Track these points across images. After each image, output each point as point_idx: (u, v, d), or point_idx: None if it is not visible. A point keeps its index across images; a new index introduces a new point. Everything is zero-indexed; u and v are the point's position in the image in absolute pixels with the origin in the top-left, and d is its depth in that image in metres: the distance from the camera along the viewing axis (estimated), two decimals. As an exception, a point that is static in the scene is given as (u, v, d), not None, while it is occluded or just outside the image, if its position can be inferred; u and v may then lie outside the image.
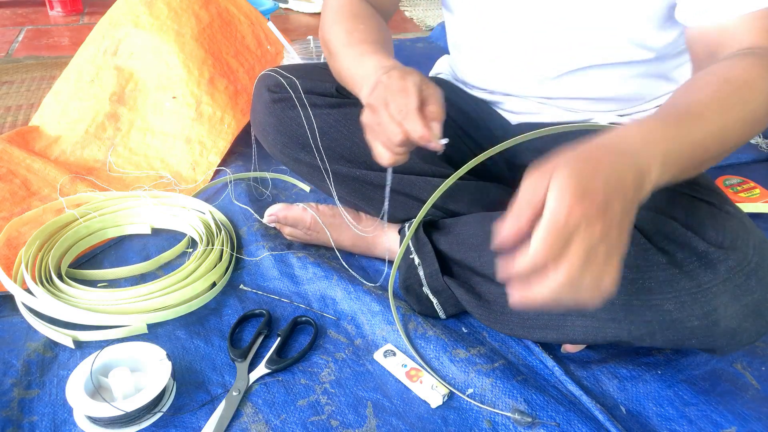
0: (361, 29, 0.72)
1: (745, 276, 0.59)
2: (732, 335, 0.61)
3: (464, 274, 0.76)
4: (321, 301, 0.83)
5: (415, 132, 0.56)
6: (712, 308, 0.59)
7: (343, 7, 0.76)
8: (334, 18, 0.75)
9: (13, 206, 1.00)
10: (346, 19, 0.74)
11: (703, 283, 0.59)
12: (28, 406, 0.67)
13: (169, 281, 0.82)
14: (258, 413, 0.67)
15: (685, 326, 0.61)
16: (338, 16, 0.75)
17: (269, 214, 0.91)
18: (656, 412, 0.68)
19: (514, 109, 0.86)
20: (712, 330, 0.60)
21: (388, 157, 0.61)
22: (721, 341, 0.61)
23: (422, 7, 2.63)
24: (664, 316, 0.61)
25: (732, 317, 0.59)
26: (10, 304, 0.81)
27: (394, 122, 0.57)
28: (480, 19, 0.80)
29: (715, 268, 0.59)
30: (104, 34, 1.25)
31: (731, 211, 0.64)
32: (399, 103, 0.57)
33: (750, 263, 0.59)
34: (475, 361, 0.71)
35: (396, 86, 0.58)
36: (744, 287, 0.59)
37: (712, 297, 0.59)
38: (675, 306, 0.60)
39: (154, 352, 0.69)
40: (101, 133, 1.18)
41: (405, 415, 0.67)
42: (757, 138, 1.38)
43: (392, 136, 0.58)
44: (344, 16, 0.75)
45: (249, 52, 1.33)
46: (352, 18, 0.74)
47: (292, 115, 0.80)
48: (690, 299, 0.60)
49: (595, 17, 0.72)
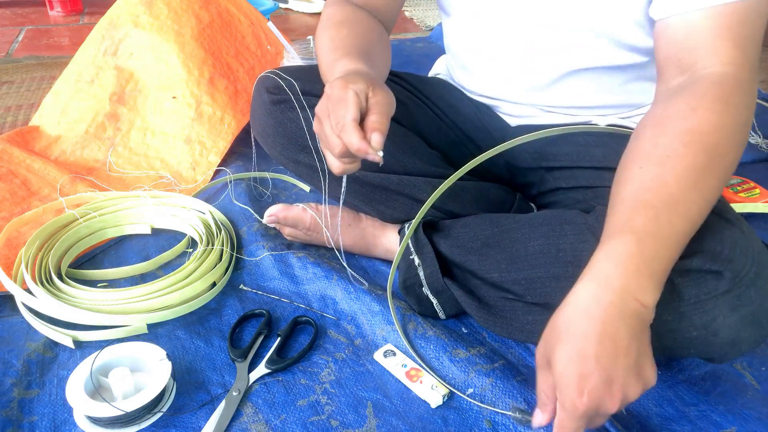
0: (343, 35, 0.72)
1: (745, 287, 0.58)
2: (731, 345, 0.60)
3: (464, 276, 0.76)
4: (321, 301, 0.83)
5: (352, 145, 0.55)
6: (711, 319, 0.59)
7: (333, 16, 0.76)
8: (322, 26, 0.76)
9: (13, 206, 1.00)
10: (332, 26, 0.74)
11: (702, 293, 0.58)
12: (28, 406, 0.67)
13: (169, 281, 0.82)
14: (258, 413, 0.67)
15: (683, 336, 0.60)
16: (327, 23, 0.75)
17: (269, 215, 0.91)
18: (656, 412, 0.68)
19: (511, 112, 0.86)
20: (711, 340, 0.60)
21: (337, 167, 0.61)
22: (720, 351, 0.61)
23: (422, 7, 2.63)
24: (662, 327, 0.60)
25: (731, 327, 0.59)
26: (10, 304, 0.81)
27: (334, 134, 0.57)
28: (476, 21, 0.80)
29: (715, 279, 0.58)
30: (104, 34, 1.25)
31: (730, 219, 0.62)
32: (338, 114, 0.56)
33: (749, 274, 0.58)
34: (475, 361, 0.71)
35: (336, 96, 0.57)
36: (743, 297, 0.58)
37: (711, 308, 0.58)
38: (673, 316, 0.60)
39: (154, 352, 0.69)
40: (101, 133, 1.18)
41: (405, 415, 0.67)
42: (757, 138, 1.38)
43: (332, 147, 0.58)
44: (331, 23, 0.74)
45: (249, 52, 1.33)
46: (337, 25, 0.74)
47: (292, 116, 0.80)
48: (689, 310, 0.59)
49: (584, 20, 0.72)
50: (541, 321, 0.67)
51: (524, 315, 0.69)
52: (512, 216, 0.76)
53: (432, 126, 0.88)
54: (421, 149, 0.83)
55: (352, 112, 0.56)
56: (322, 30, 0.75)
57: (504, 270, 0.71)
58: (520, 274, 0.69)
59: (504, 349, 0.76)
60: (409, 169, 0.81)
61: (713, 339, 0.60)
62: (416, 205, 0.82)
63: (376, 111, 0.57)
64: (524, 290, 0.68)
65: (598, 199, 0.73)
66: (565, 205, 0.79)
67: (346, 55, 0.67)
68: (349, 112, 0.56)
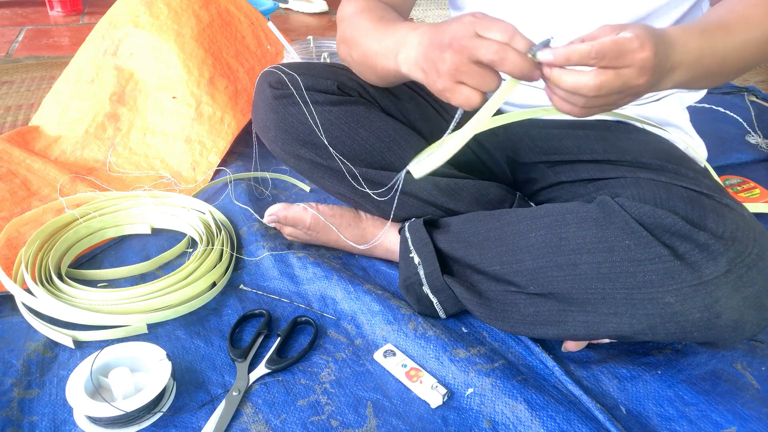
0: (383, 15, 0.73)
1: (746, 267, 0.59)
2: (734, 328, 0.61)
3: (464, 272, 0.76)
4: (321, 301, 0.83)
5: (526, 45, 0.52)
6: (714, 300, 0.59)
7: (357, 6, 0.77)
8: (353, 17, 0.76)
9: (13, 206, 1.00)
10: (368, 10, 0.74)
11: (705, 275, 0.60)
12: (28, 406, 0.66)
13: (169, 281, 0.82)
14: (258, 413, 0.67)
15: (686, 319, 0.61)
16: (358, 13, 0.76)
17: (269, 214, 0.91)
18: (656, 412, 0.68)
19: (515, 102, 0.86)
20: (714, 322, 0.60)
21: (477, 98, 0.56)
22: (723, 334, 0.62)
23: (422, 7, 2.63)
24: (665, 309, 0.61)
25: (733, 309, 0.60)
26: (10, 304, 0.81)
27: (495, 42, 0.52)
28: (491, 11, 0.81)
29: (716, 260, 0.60)
30: (104, 34, 1.25)
31: (731, 204, 0.65)
32: (499, 27, 0.53)
33: (751, 254, 0.60)
34: (475, 361, 0.71)
35: (486, 20, 0.54)
36: (745, 279, 0.60)
37: (713, 289, 0.59)
38: (676, 298, 0.60)
39: (154, 352, 0.69)
40: (101, 133, 1.18)
41: (405, 415, 0.67)
42: (756, 138, 1.38)
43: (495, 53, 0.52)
44: (363, 12, 0.75)
45: (249, 52, 1.33)
46: (370, 10, 0.74)
47: (294, 111, 0.80)
48: (691, 291, 0.60)
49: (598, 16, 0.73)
50: (543, 312, 0.68)
51: (526, 307, 0.70)
52: (513, 210, 0.76)
53: (432, 125, 0.88)
54: (421, 148, 0.83)
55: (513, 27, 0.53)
56: (353, 18, 0.75)
57: (506, 262, 0.71)
58: (522, 265, 0.69)
59: (504, 348, 0.76)
60: (409, 167, 0.81)
61: (716, 321, 0.60)
62: (416, 203, 0.82)
63: None
64: (527, 281, 0.69)
65: (599, 192, 0.74)
66: (567, 199, 0.79)
67: (404, 22, 0.68)
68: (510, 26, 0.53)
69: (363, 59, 0.74)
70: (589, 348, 0.77)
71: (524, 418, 0.65)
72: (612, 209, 0.65)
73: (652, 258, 0.61)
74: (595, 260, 0.64)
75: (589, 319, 0.65)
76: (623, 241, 0.63)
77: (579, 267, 0.65)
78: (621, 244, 0.63)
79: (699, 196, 0.66)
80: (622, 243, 0.63)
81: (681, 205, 0.64)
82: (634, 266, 0.62)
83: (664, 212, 0.63)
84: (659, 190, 0.67)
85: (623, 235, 0.63)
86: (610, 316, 0.64)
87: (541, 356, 0.73)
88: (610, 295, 0.63)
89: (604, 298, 0.64)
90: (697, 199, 0.65)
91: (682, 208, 0.64)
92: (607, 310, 0.64)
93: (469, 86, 0.55)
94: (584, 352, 0.76)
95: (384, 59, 0.68)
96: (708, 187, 0.67)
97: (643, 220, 0.63)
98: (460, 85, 0.56)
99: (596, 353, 0.76)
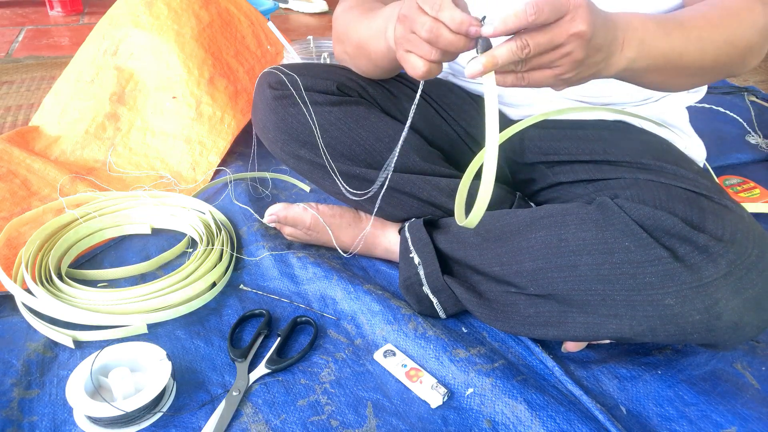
0: (372, 6, 0.74)
1: (746, 269, 0.59)
2: (734, 329, 0.61)
3: (464, 272, 0.76)
4: (321, 301, 0.83)
5: (454, 20, 0.52)
6: (714, 302, 0.59)
7: (351, 5, 0.78)
8: (343, 15, 0.78)
9: (13, 206, 1.00)
10: (357, 5, 0.76)
11: (705, 276, 0.60)
12: (28, 406, 0.66)
13: (169, 281, 0.82)
14: (258, 413, 0.67)
15: (686, 321, 0.61)
16: (347, 10, 0.78)
17: (269, 214, 0.91)
18: (656, 412, 0.68)
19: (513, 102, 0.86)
20: (714, 324, 0.60)
21: (422, 66, 0.57)
22: (723, 336, 0.62)
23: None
24: (665, 311, 0.61)
25: (733, 311, 0.60)
26: (10, 304, 0.81)
27: (429, 18, 0.53)
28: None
29: (716, 261, 0.60)
30: (104, 34, 1.25)
31: (730, 206, 0.65)
32: (432, 1, 0.54)
33: (750, 256, 0.60)
34: (475, 361, 0.71)
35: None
36: (745, 280, 0.60)
37: (713, 291, 0.59)
38: (676, 300, 0.60)
39: (154, 352, 0.69)
40: (101, 133, 1.18)
41: (405, 415, 0.67)
42: (756, 138, 1.38)
43: (428, 31, 0.53)
44: (353, 8, 0.77)
45: (249, 52, 1.33)
46: (359, 5, 0.76)
47: (293, 112, 0.80)
48: (691, 293, 0.60)
49: None
50: (543, 313, 0.68)
51: (526, 308, 0.70)
52: (513, 211, 0.76)
53: (432, 125, 0.88)
54: (422, 148, 0.83)
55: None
56: (342, 16, 0.77)
57: (506, 263, 0.71)
58: (522, 266, 0.69)
59: (504, 349, 0.76)
60: (409, 168, 0.81)
61: (716, 323, 0.60)
62: (416, 203, 0.82)
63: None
64: (527, 282, 0.69)
65: (598, 193, 0.74)
66: (567, 200, 0.79)
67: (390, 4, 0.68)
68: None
69: (357, 50, 0.75)
70: (589, 348, 0.77)
71: (524, 418, 0.65)
72: (612, 211, 0.65)
73: (651, 260, 0.61)
74: (594, 262, 0.64)
75: (589, 321, 0.65)
76: (623, 242, 0.63)
77: (579, 268, 0.65)
78: (621, 246, 0.63)
79: (698, 198, 0.66)
80: (622, 244, 0.63)
81: (680, 206, 0.64)
82: (633, 268, 0.62)
83: (663, 214, 0.63)
84: (659, 192, 0.67)
85: (623, 237, 0.63)
86: (610, 318, 0.64)
87: (541, 356, 0.73)
88: (610, 297, 0.63)
89: (603, 300, 0.64)
90: (697, 201, 0.65)
91: (682, 209, 0.64)
92: (607, 312, 0.64)
93: (415, 54, 0.57)
94: (584, 353, 0.76)
95: (375, 42, 0.70)
96: (707, 188, 0.67)
97: (643, 222, 0.63)
98: (408, 54, 0.58)
99: (596, 353, 0.76)
